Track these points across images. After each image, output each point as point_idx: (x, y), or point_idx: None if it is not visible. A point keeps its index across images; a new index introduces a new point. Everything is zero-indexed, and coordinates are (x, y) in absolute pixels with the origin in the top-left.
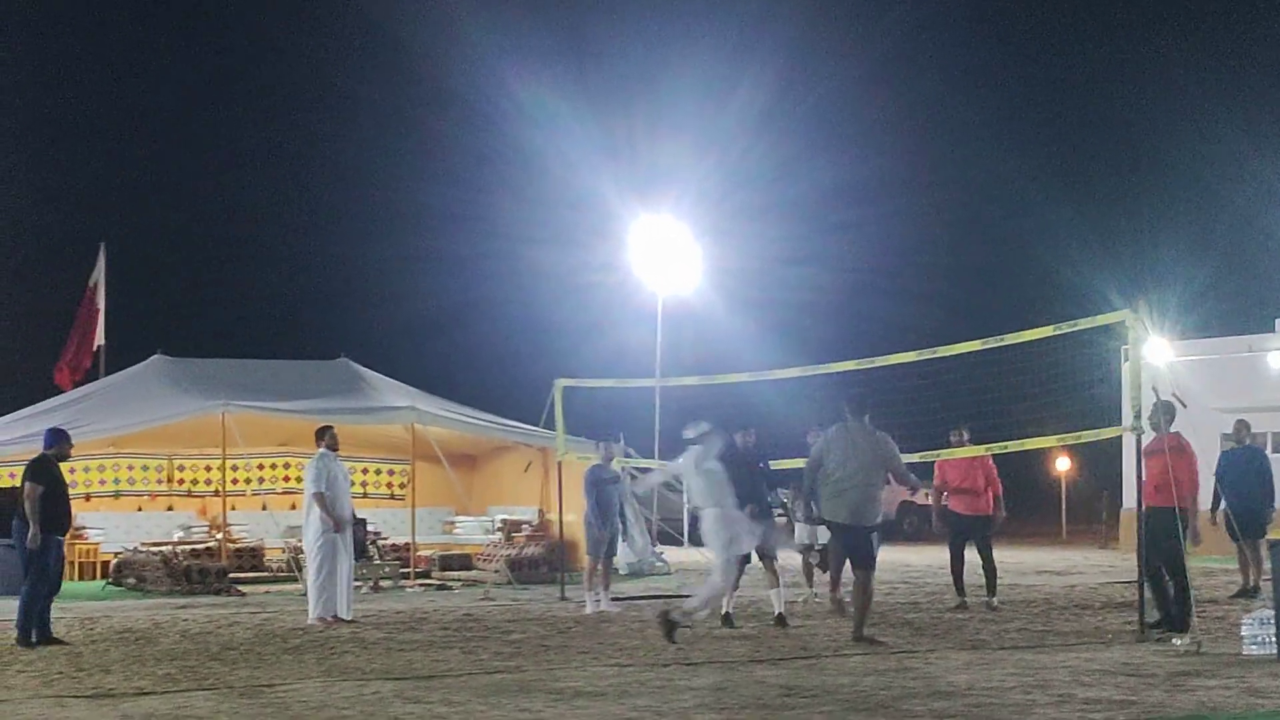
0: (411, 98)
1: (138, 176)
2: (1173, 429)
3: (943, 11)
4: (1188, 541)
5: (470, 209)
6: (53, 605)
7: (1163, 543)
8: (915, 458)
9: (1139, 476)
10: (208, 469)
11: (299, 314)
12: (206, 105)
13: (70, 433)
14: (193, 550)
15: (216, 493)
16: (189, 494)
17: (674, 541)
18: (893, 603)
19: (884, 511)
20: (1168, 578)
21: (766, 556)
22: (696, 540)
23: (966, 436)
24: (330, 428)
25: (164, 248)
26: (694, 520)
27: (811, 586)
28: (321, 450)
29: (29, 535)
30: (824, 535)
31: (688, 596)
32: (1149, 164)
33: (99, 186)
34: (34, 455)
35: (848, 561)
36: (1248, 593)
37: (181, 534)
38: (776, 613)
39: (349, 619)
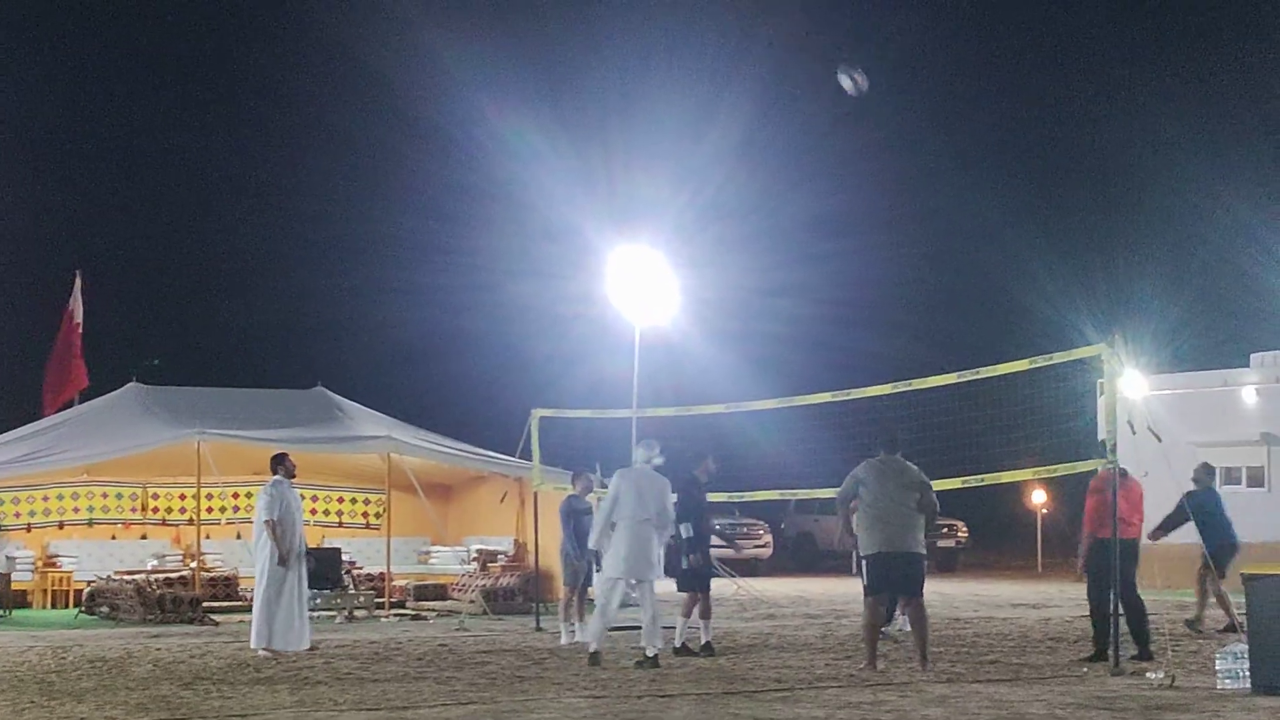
0: (389, 130)
1: (113, 204)
2: (1140, 466)
3: (917, 47)
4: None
5: (447, 241)
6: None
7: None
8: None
9: (1114, 510)
10: (182, 497)
11: (275, 343)
12: (182, 134)
13: (43, 459)
14: (166, 579)
15: (190, 521)
16: (163, 522)
17: None
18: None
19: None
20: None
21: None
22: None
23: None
24: (286, 455)
25: (140, 276)
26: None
27: (902, 613)
28: (276, 477)
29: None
30: None
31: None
32: (1123, 199)
33: (74, 214)
34: (10, 480)
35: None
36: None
37: (155, 563)
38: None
39: (292, 651)
